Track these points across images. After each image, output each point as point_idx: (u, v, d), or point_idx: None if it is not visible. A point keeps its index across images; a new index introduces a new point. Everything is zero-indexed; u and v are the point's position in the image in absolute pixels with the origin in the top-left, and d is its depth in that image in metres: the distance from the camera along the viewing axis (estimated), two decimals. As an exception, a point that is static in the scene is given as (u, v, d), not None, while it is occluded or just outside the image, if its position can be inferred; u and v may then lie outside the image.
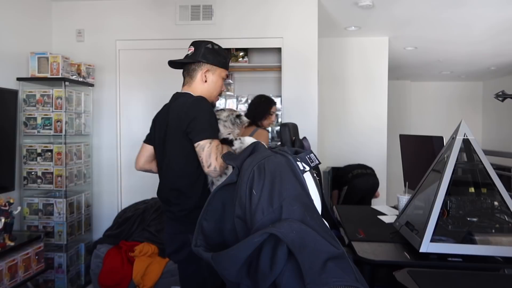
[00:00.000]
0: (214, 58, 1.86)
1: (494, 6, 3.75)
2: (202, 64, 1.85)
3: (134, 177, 3.93)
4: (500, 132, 8.18)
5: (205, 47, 1.85)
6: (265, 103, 3.25)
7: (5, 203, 2.62)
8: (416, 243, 1.78)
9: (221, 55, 1.88)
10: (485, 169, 1.82)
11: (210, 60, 1.84)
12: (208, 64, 1.85)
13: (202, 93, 1.85)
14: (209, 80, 1.86)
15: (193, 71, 1.87)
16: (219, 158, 1.62)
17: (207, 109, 1.75)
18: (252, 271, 0.91)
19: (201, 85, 1.86)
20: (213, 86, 1.88)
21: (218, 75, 1.88)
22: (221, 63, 1.88)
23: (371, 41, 5.08)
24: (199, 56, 1.84)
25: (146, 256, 3.29)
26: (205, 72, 1.85)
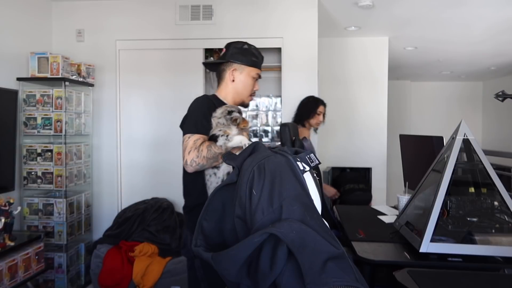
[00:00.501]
0: (243, 56, 1.84)
1: (494, 6, 3.75)
2: (230, 64, 1.85)
3: (134, 177, 3.93)
4: (500, 132, 8.18)
5: (234, 47, 1.85)
6: (312, 103, 3.29)
7: (5, 203, 2.62)
8: (416, 243, 1.78)
9: (251, 54, 1.86)
10: (485, 169, 1.82)
11: (238, 59, 1.83)
12: (236, 63, 1.84)
13: (231, 93, 1.86)
14: (237, 79, 1.85)
15: (222, 71, 1.87)
16: (192, 152, 1.61)
17: (197, 106, 1.78)
18: (252, 271, 0.91)
19: (230, 84, 1.86)
20: (242, 86, 1.86)
21: (246, 74, 1.85)
22: (249, 62, 1.84)
23: (371, 41, 5.08)
24: (228, 56, 1.84)
25: (146, 256, 3.29)
26: (233, 71, 1.84)
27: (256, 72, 1.87)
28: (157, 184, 3.91)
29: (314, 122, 3.26)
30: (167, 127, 3.90)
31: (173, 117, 3.92)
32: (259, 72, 1.89)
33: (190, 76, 3.87)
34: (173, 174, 3.89)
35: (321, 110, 3.28)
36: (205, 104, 1.78)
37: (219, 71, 1.89)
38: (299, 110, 3.33)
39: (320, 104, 3.29)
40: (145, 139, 3.91)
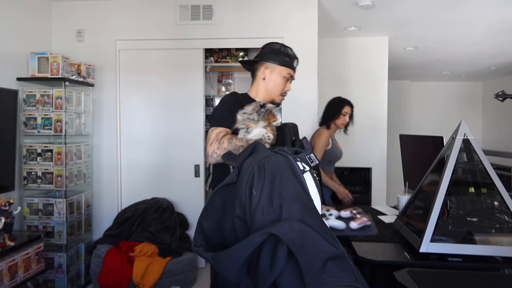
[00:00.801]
0: (275, 56, 1.86)
1: (494, 6, 3.75)
2: (262, 63, 1.88)
3: (134, 177, 3.93)
4: (500, 132, 8.18)
5: (269, 47, 1.89)
6: (338, 103, 3.28)
7: (5, 203, 2.62)
8: (416, 243, 1.78)
9: (284, 54, 1.88)
10: (485, 169, 1.82)
11: (271, 58, 1.86)
12: (268, 62, 1.87)
13: (262, 92, 1.89)
14: (268, 78, 1.87)
15: (255, 70, 1.91)
16: (214, 144, 1.64)
17: (223, 101, 1.81)
18: (252, 271, 0.91)
19: (261, 83, 1.89)
20: (273, 84, 1.87)
21: (278, 73, 1.87)
22: (281, 62, 1.86)
23: (371, 41, 5.08)
24: (261, 55, 1.88)
25: (146, 256, 3.29)
26: (264, 69, 1.87)
27: (288, 72, 1.88)
28: (157, 184, 3.91)
29: (339, 122, 3.25)
30: (167, 127, 3.91)
31: (173, 117, 3.94)
32: (291, 73, 1.90)
33: (190, 76, 3.87)
34: (173, 174, 3.90)
35: (346, 110, 3.26)
36: (231, 100, 1.81)
37: (253, 70, 1.93)
38: (325, 111, 3.33)
39: (345, 105, 3.27)
40: (145, 139, 3.92)
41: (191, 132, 3.88)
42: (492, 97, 4.53)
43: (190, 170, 3.89)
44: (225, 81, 4.61)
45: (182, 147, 3.88)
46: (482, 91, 8.96)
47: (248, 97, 1.88)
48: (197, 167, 3.89)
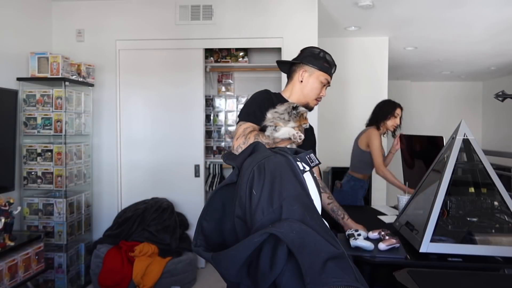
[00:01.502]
0: (315, 60, 1.87)
1: (494, 6, 3.75)
2: (302, 65, 1.88)
3: (134, 177, 3.93)
4: (500, 132, 8.18)
5: (309, 50, 1.90)
6: (390, 105, 3.30)
7: (5, 203, 2.62)
8: (416, 243, 1.78)
9: (324, 60, 1.89)
10: (485, 169, 1.82)
11: (310, 62, 1.87)
12: (307, 65, 1.87)
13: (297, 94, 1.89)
14: (305, 81, 1.88)
15: (293, 71, 1.92)
16: (240, 138, 1.62)
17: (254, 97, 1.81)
18: (252, 271, 0.91)
19: (298, 85, 1.89)
20: (309, 88, 1.88)
21: (315, 77, 1.87)
22: (320, 66, 1.88)
23: (371, 41, 5.08)
24: (301, 58, 1.89)
25: (146, 256, 3.29)
26: (302, 72, 1.88)
27: (325, 77, 1.89)
28: (157, 184, 3.91)
29: (390, 124, 3.26)
30: (167, 127, 3.91)
31: (173, 117, 3.94)
32: (329, 79, 1.91)
33: (190, 76, 3.87)
34: (173, 174, 3.90)
35: (398, 112, 3.28)
36: (262, 96, 1.81)
37: (290, 71, 1.94)
38: (375, 112, 3.34)
39: (398, 107, 3.30)
40: (145, 139, 3.92)
41: (191, 132, 3.88)
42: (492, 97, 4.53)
43: (190, 170, 3.89)
44: (225, 81, 4.62)
45: (182, 147, 3.88)
46: (482, 91, 8.96)
47: (280, 97, 1.89)
48: (197, 167, 3.89)
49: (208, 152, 4.42)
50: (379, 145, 3.14)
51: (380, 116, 3.27)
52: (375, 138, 3.16)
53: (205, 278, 3.67)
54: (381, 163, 3.11)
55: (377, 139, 3.16)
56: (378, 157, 3.10)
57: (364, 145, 3.23)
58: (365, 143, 3.23)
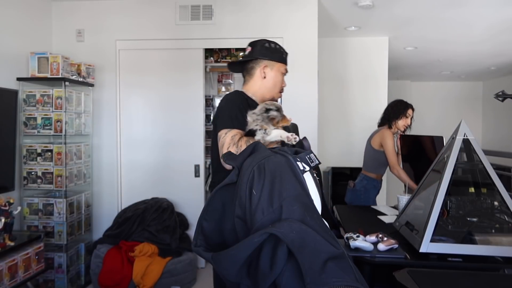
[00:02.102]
0: (271, 53, 1.85)
1: (494, 6, 3.75)
2: (260, 61, 1.84)
3: (134, 177, 3.93)
4: (500, 132, 8.18)
5: (261, 45, 1.86)
6: (402, 105, 3.32)
7: (5, 203, 2.62)
8: (416, 243, 1.78)
9: (279, 51, 1.88)
10: (485, 169, 1.82)
11: (268, 56, 1.84)
12: (266, 60, 1.84)
13: (261, 90, 1.86)
14: (268, 76, 1.85)
15: (252, 69, 1.87)
16: (231, 148, 1.59)
17: (232, 100, 1.74)
18: (252, 271, 0.91)
19: (261, 81, 1.85)
20: (273, 82, 1.87)
21: (277, 70, 1.86)
22: (279, 58, 1.87)
23: (371, 41, 5.08)
24: (257, 53, 1.84)
25: (146, 256, 3.29)
26: (264, 68, 1.84)
27: (285, 67, 1.89)
28: (157, 184, 3.91)
29: (401, 124, 3.27)
30: (167, 127, 3.91)
31: (173, 117, 3.94)
32: (287, 68, 1.91)
33: (190, 76, 3.87)
34: (173, 174, 3.90)
35: (409, 113, 3.30)
36: (240, 98, 1.77)
37: (246, 69, 1.89)
38: (387, 112, 3.35)
39: (409, 107, 3.32)
40: (145, 139, 3.92)
41: (191, 132, 3.88)
42: (492, 97, 4.53)
43: (190, 170, 3.89)
44: (225, 81, 4.61)
45: (182, 147, 3.88)
46: (482, 91, 8.96)
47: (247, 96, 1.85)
48: (197, 167, 3.89)
49: (208, 152, 4.41)
50: (392, 145, 3.15)
51: (392, 116, 3.28)
52: (389, 138, 3.17)
53: (205, 278, 3.67)
54: (396, 162, 3.13)
55: (390, 139, 3.17)
56: (393, 157, 3.12)
57: (377, 144, 3.24)
58: (378, 142, 3.24)
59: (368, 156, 3.35)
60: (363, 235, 1.84)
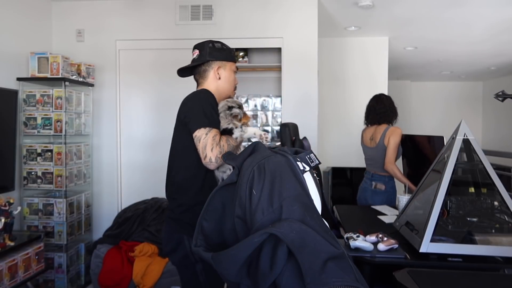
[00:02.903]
0: (221, 54, 1.86)
1: (494, 6, 3.75)
2: (212, 63, 1.85)
3: (134, 177, 3.93)
4: (500, 132, 8.18)
5: (209, 47, 1.85)
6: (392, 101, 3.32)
7: (5, 203, 2.62)
8: (416, 243, 1.78)
9: (226, 50, 1.89)
10: (485, 169, 1.82)
11: (219, 57, 1.85)
12: (218, 61, 1.86)
13: (219, 90, 1.86)
14: (223, 76, 1.87)
15: (204, 71, 1.87)
16: (215, 149, 1.60)
17: (205, 99, 1.73)
18: (252, 271, 0.91)
19: (215, 82, 1.86)
20: (227, 81, 1.88)
21: (229, 69, 1.89)
22: (229, 58, 1.89)
23: (371, 41, 5.08)
24: (207, 56, 1.84)
25: (146, 256, 3.29)
26: (217, 69, 1.86)
27: (235, 65, 1.93)
28: (157, 184, 3.89)
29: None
30: (167, 127, 3.88)
31: (173, 117, 3.92)
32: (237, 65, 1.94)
33: (190, 76, 3.86)
34: (173, 174, 3.90)
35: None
36: (211, 96, 1.76)
37: (199, 72, 1.89)
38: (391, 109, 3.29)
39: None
40: (145, 139, 3.91)
41: (191, 132, 3.87)
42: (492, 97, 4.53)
43: (190, 170, 3.88)
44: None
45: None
46: (482, 91, 8.96)
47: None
48: (197, 167, 3.88)
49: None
50: (398, 143, 3.12)
51: (393, 114, 3.27)
52: (398, 136, 3.13)
53: (205, 278, 3.67)
54: (393, 159, 3.10)
55: (399, 137, 3.13)
56: (393, 153, 3.09)
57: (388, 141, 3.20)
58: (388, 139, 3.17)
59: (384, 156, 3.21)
60: (363, 235, 1.84)
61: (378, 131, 3.23)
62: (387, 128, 3.19)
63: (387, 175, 3.19)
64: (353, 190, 4.66)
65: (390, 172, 3.11)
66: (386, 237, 1.80)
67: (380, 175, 3.21)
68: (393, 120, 3.27)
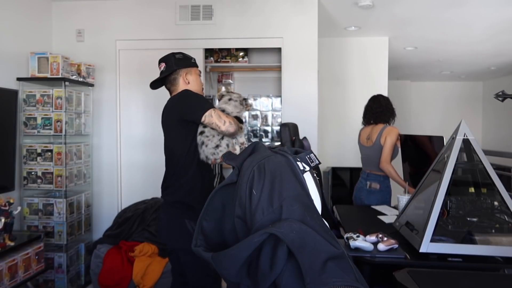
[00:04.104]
0: (185, 62, 2.16)
1: (494, 6, 3.75)
2: (179, 71, 2.14)
3: (134, 177, 3.93)
4: (500, 132, 8.18)
5: (174, 58, 2.15)
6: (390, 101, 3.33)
7: (5, 203, 2.62)
8: (416, 243, 1.78)
9: (188, 58, 2.19)
10: (485, 169, 1.82)
11: (184, 65, 2.15)
12: (184, 68, 2.14)
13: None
14: (191, 80, 2.16)
15: (174, 79, 2.16)
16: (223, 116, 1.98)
17: (194, 93, 2.08)
18: (252, 271, 0.91)
19: (185, 87, 2.14)
20: (196, 84, 2.18)
21: (194, 73, 2.19)
22: (192, 64, 2.19)
23: (371, 41, 5.08)
24: (174, 66, 2.13)
25: (146, 256, 3.29)
26: (185, 75, 2.15)
27: (198, 70, 2.24)
28: (157, 184, 3.87)
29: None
30: (167, 127, 3.90)
31: (173, 117, 3.93)
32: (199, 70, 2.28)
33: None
34: (173, 174, 3.90)
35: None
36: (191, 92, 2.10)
37: (169, 81, 2.18)
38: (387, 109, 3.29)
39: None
40: (145, 139, 3.91)
41: (191, 132, 3.87)
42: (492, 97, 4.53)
43: (190, 170, 3.88)
44: (225, 81, 4.62)
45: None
46: (482, 91, 8.96)
47: None
48: (197, 167, 3.88)
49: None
50: (394, 143, 3.13)
51: (393, 113, 3.27)
52: (395, 135, 3.13)
53: (205, 278, 3.67)
54: (389, 159, 3.11)
55: (396, 137, 3.14)
56: (389, 153, 3.09)
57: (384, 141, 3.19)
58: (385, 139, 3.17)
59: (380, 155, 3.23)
60: (363, 235, 1.84)
61: (375, 130, 3.24)
62: (384, 128, 3.20)
63: (382, 175, 3.20)
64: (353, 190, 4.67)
65: (386, 172, 3.12)
66: (386, 237, 1.80)
67: (376, 174, 3.22)
68: (390, 120, 3.27)
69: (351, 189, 4.81)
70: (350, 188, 4.95)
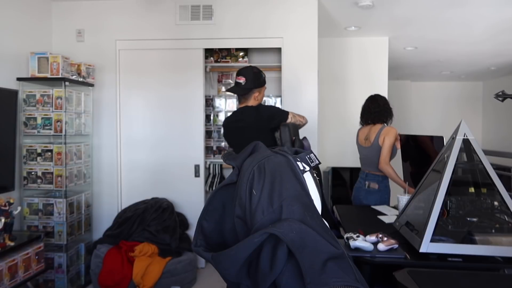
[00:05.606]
0: (260, 81, 2.58)
1: (494, 6, 3.75)
2: (254, 89, 2.56)
3: (134, 177, 3.93)
4: (500, 132, 8.18)
5: (253, 73, 2.53)
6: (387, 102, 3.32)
7: (5, 203, 2.62)
8: (416, 243, 1.78)
9: (262, 76, 2.60)
10: (485, 169, 1.82)
11: (258, 85, 2.57)
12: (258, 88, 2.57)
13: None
14: (259, 98, 2.62)
15: (248, 95, 2.59)
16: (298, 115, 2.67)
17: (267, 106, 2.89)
18: (252, 271, 0.91)
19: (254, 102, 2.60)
20: (261, 98, 2.65)
21: (263, 91, 2.64)
22: (263, 83, 2.61)
23: (371, 41, 5.08)
24: (251, 85, 2.53)
25: (146, 256, 3.29)
26: (256, 95, 2.59)
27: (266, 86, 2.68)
28: (157, 184, 3.91)
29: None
30: (167, 127, 3.91)
31: (173, 117, 3.94)
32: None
33: (190, 76, 3.87)
34: (173, 174, 3.90)
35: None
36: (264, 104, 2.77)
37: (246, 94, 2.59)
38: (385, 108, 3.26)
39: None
40: (145, 139, 3.92)
41: (191, 132, 3.88)
42: (492, 97, 4.53)
43: (190, 170, 3.89)
44: (225, 81, 4.62)
45: (182, 147, 3.88)
46: (482, 91, 8.96)
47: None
48: (197, 167, 3.89)
49: (208, 152, 4.42)
50: (393, 143, 3.13)
51: (390, 112, 3.26)
52: (393, 135, 3.13)
53: (205, 278, 3.67)
54: (387, 159, 3.10)
55: (394, 137, 3.13)
56: (388, 153, 3.09)
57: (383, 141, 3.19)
58: (383, 139, 3.16)
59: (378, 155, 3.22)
60: (363, 235, 1.84)
61: (373, 130, 3.23)
62: (382, 128, 3.19)
63: (381, 175, 3.19)
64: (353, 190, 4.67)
65: (385, 172, 3.11)
66: (386, 237, 1.80)
67: (374, 174, 3.22)
68: (388, 120, 3.26)
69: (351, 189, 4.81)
70: (350, 188, 4.95)
